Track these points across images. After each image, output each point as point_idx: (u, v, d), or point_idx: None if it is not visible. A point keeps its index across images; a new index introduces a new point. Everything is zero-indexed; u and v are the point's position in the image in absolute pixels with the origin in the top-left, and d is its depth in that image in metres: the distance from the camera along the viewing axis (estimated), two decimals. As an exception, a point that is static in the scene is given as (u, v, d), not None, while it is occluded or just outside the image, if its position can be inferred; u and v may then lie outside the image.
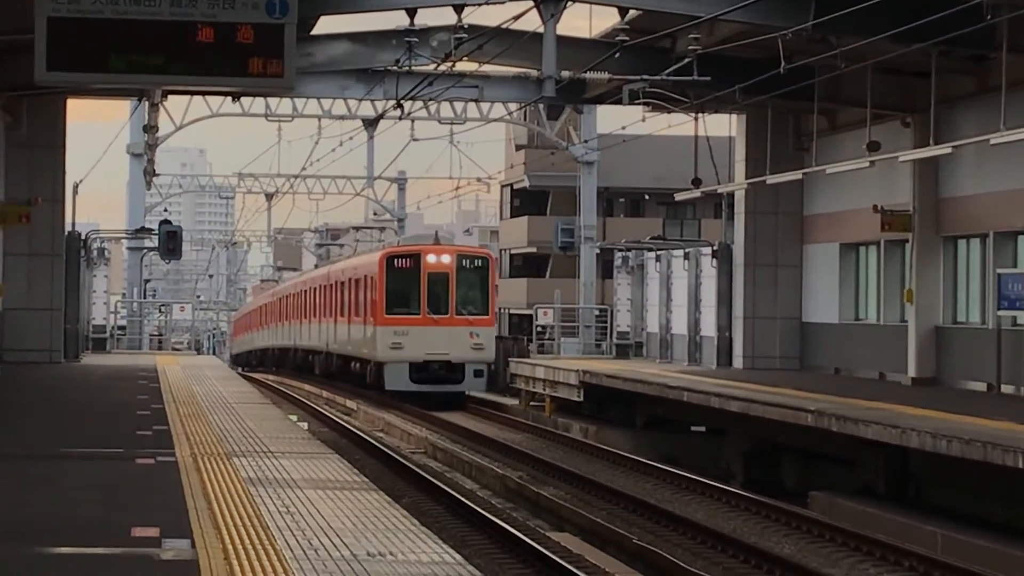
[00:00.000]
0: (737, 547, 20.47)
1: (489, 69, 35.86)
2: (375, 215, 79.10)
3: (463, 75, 34.99)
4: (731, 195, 41.00)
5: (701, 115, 37.99)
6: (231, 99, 44.18)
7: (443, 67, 31.33)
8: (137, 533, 12.01)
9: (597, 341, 50.13)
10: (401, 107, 36.69)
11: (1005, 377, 29.88)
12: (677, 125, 39.70)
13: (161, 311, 62.14)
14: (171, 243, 47.60)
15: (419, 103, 41.18)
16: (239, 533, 12.08)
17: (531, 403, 42.15)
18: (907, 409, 24.95)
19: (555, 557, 18.49)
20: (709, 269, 41.34)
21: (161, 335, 57.12)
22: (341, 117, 49.78)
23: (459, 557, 11.48)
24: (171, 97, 38.77)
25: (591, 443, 34.11)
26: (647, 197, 69.17)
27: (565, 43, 31.54)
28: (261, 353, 74.80)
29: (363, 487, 15.33)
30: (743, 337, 39.27)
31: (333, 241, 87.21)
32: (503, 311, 67.95)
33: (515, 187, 73.64)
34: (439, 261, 44.41)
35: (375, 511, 13.59)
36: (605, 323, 50.03)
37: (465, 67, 34.05)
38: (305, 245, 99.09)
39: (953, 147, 28.61)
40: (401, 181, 75.04)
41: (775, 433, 27.29)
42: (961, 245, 32.78)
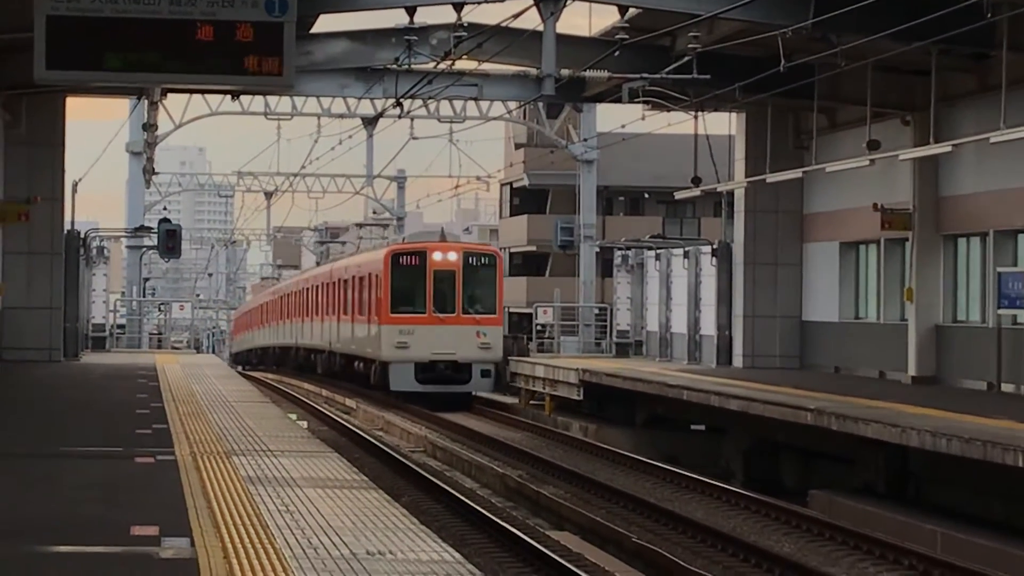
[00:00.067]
0: (737, 546, 20.46)
1: (488, 67, 35.86)
2: (374, 213, 79.04)
3: (462, 73, 34.98)
4: (731, 193, 40.99)
5: (701, 113, 37.99)
6: (230, 97, 44.16)
7: (442, 65, 31.33)
8: (136, 532, 12.00)
9: (597, 340, 50.12)
10: (400, 105, 36.69)
11: (1005, 376, 29.88)
12: (677, 124, 39.71)
13: (160, 310, 62.15)
14: (170, 242, 47.58)
15: (418, 101, 41.18)
16: (238, 532, 12.07)
17: (531, 402, 42.17)
18: (907, 408, 24.95)
19: (555, 556, 18.48)
20: (709, 268, 41.33)
21: (160, 334, 57.10)
22: (340, 115, 49.79)
23: (459, 556, 11.47)
24: (170, 95, 38.76)
25: (591, 442, 34.11)
26: (647, 196, 69.16)
27: (565, 41, 31.54)
28: (262, 352, 74.66)
29: (363, 486, 15.32)
30: (743, 336, 39.27)
31: (333, 239, 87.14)
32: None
33: (514, 186, 73.63)
34: (445, 259, 43.70)
35: (375, 510, 13.58)
36: (605, 322, 50.02)
37: (464, 65, 34.04)
38: (304, 244, 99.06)
39: (953, 145, 28.60)
40: (400, 180, 75.02)
41: (775, 432, 27.29)
42: (961, 243, 32.77)
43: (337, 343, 50.90)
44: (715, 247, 41.14)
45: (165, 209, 69.00)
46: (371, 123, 50.80)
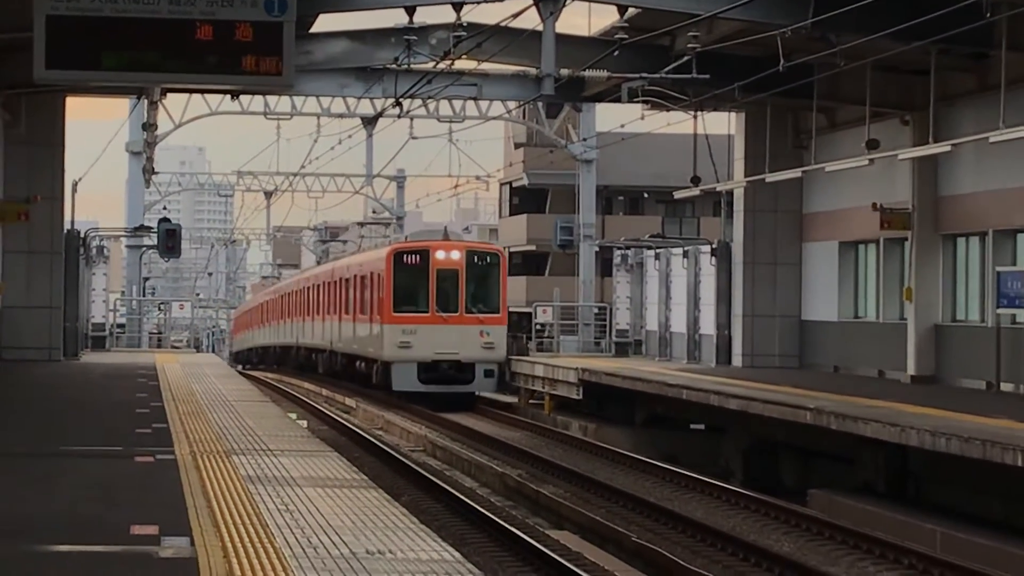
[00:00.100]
0: (736, 545, 20.47)
1: (488, 67, 35.87)
2: (374, 213, 79.07)
3: (462, 73, 34.99)
4: (730, 193, 40.99)
5: (700, 113, 38.01)
6: (230, 97, 44.15)
7: (442, 65, 31.34)
8: (136, 531, 12.00)
9: (596, 339, 50.10)
10: (400, 105, 36.70)
11: (1004, 375, 29.89)
12: (676, 123, 39.71)
13: (160, 309, 62.15)
14: (170, 241, 47.56)
15: (418, 101, 41.18)
16: (238, 531, 12.08)
17: (530, 401, 42.15)
18: (906, 407, 24.95)
19: (554, 555, 18.48)
20: (708, 267, 41.34)
21: (160, 333, 57.11)
22: (340, 115, 49.77)
23: (458, 555, 11.47)
24: (170, 95, 38.77)
25: (590, 441, 34.11)
26: (646, 195, 69.13)
27: (564, 41, 31.56)
28: (262, 351, 74.49)
29: (362, 485, 15.33)
30: (742, 335, 39.28)
31: (332, 239, 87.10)
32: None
33: (514, 185, 73.58)
34: (448, 257, 43.20)
35: (374, 509, 13.59)
36: (604, 321, 50.01)
37: (464, 65, 34.06)
38: (304, 243, 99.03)
39: (952, 145, 28.60)
40: (400, 179, 75.01)
41: (774, 431, 27.29)
42: (960, 243, 32.78)
43: (339, 343, 50.53)
44: (714, 246, 41.15)
45: (165, 209, 69.01)
46: (371, 123, 50.78)
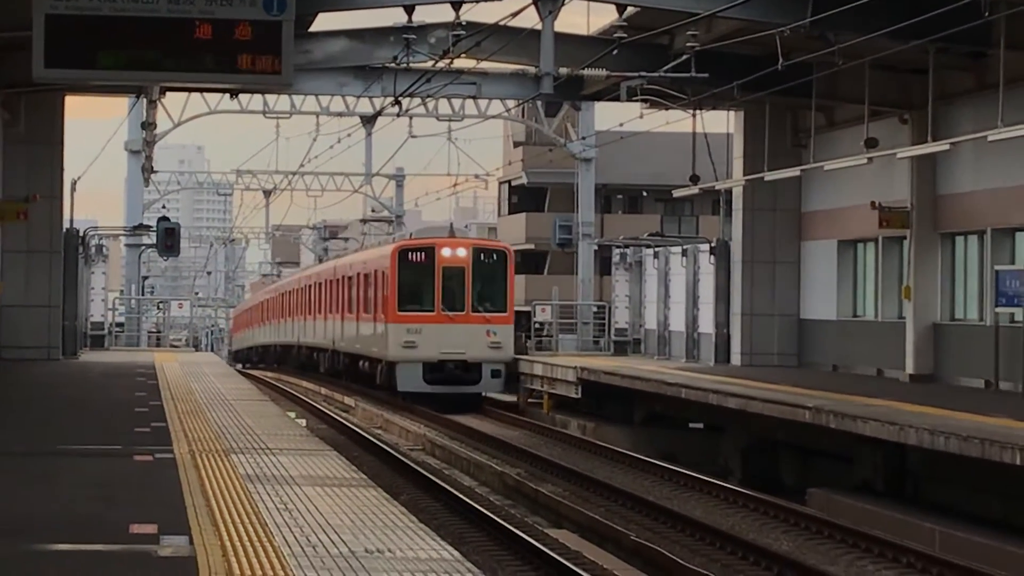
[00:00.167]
0: (735, 544, 20.47)
1: (487, 66, 35.88)
2: (373, 212, 79.04)
3: (461, 72, 35.00)
4: (729, 192, 41.00)
5: (699, 112, 38.01)
6: (229, 96, 44.11)
7: (441, 64, 31.33)
8: (135, 530, 12.01)
9: (595, 338, 50.10)
10: (399, 104, 36.70)
11: (1003, 374, 29.90)
12: (675, 122, 39.74)
13: (159, 308, 62.14)
14: (169, 240, 47.53)
15: (417, 100, 41.21)
16: (237, 530, 12.08)
17: (529, 400, 42.13)
18: (905, 406, 24.96)
19: (553, 554, 18.49)
20: (707, 266, 41.34)
21: (159, 332, 57.11)
22: (339, 114, 49.71)
23: (457, 554, 11.47)
24: (169, 94, 38.78)
25: (589, 440, 34.12)
26: (645, 194, 69.12)
27: (563, 40, 31.57)
28: (263, 350, 74.28)
29: (361, 484, 15.33)
30: (741, 334, 39.29)
31: (332, 237, 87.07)
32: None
33: (513, 184, 73.56)
34: (454, 255, 42.31)
35: (373, 508, 13.59)
36: (603, 320, 49.99)
37: (463, 64, 34.04)
38: (303, 242, 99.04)
39: (951, 144, 28.61)
40: (399, 178, 75.00)
41: (773, 430, 27.30)
42: (959, 242, 32.79)
43: (341, 342, 49.92)
44: (713, 245, 41.15)
45: (164, 207, 69.07)
46: (370, 121, 50.75)
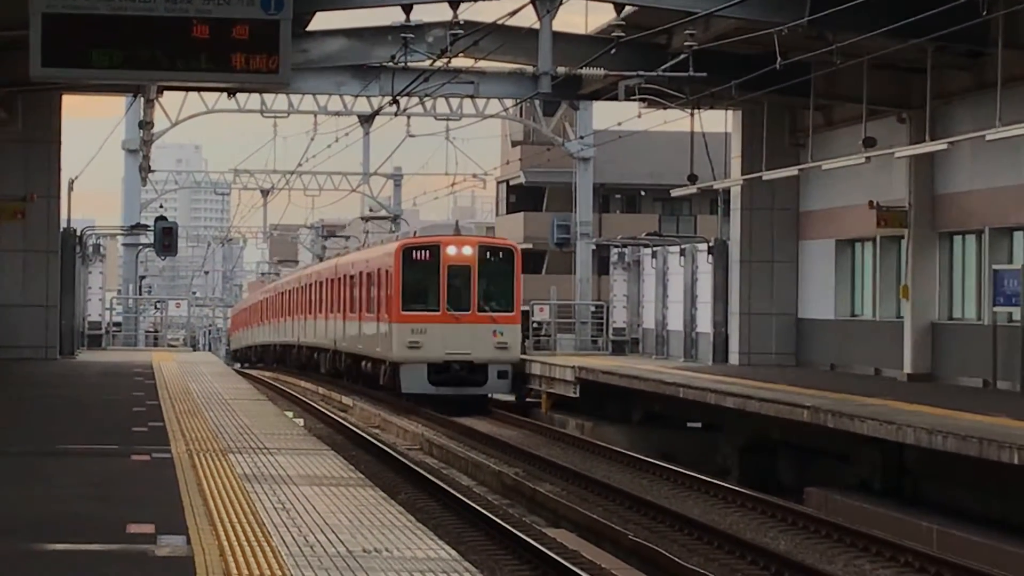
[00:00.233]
0: (733, 543, 20.46)
1: (485, 65, 35.86)
2: (371, 211, 79.02)
3: (459, 71, 34.96)
4: (727, 191, 40.99)
5: (697, 111, 37.99)
6: (226, 95, 44.13)
7: (439, 63, 31.31)
8: (132, 529, 11.99)
9: (593, 337, 50.09)
10: (397, 103, 36.71)
11: (1000, 373, 29.90)
12: (673, 121, 39.74)
13: (157, 307, 62.12)
14: (167, 239, 47.46)
15: (415, 99, 41.21)
16: (235, 530, 12.07)
17: (527, 399, 42.12)
18: (903, 405, 24.96)
19: (551, 553, 18.47)
20: (705, 265, 41.33)
21: (157, 332, 57.08)
22: (337, 113, 49.68)
23: (455, 553, 11.46)
24: (166, 93, 38.76)
25: (587, 439, 34.10)
26: (643, 193, 69.18)
27: (561, 39, 31.54)
28: (262, 349, 74.10)
29: (359, 483, 15.32)
30: (739, 333, 39.28)
31: (329, 235, 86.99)
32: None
33: (511, 183, 73.61)
34: (460, 253, 41.37)
35: (371, 507, 13.58)
36: (601, 319, 49.98)
37: (461, 63, 34.02)
38: (301, 241, 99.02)
39: (949, 143, 28.60)
40: (397, 177, 74.99)
41: (771, 429, 27.30)
42: (957, 241, 32.79)
43: (343, 342, 49.31)
44: (711, 244, 41.15)
45: (161, 207, 68.99)
46: (367, 121, 50.77)
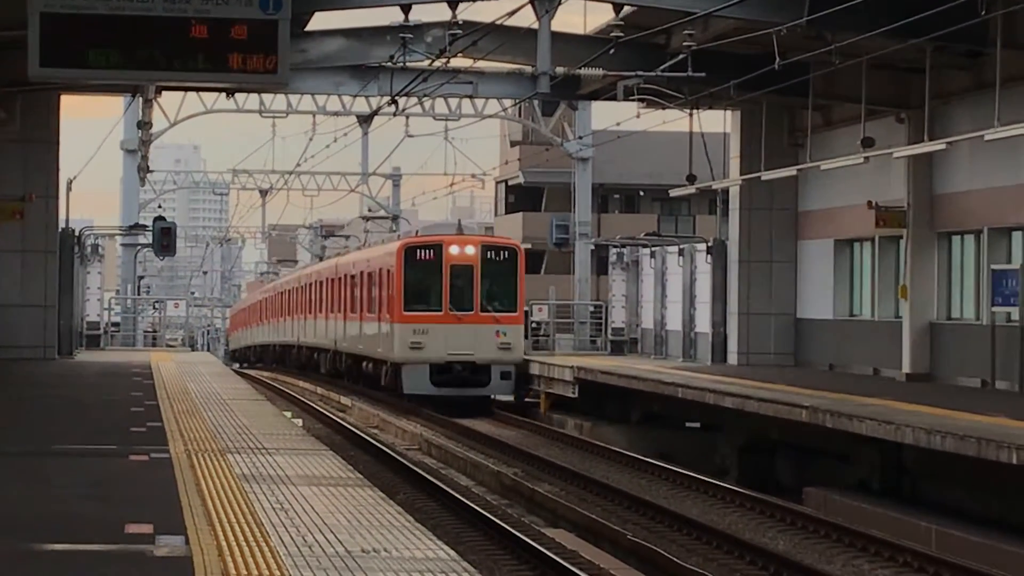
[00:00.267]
0: (732, 543, 20.46)
1: (484, 65, 35.85)
2: (369, 211, 79.01)
3: (457, 71, 34.96)
4: (726, 191, 40.98)
5: (696, 111, 37.99)
6: (225, 95, 44.10)
7: (437, 63, 31.31)
8: (131, 529, 11.99)
9: (592, 337, 50.09)
10: (395, 103, 36.70)
11: (999, 373, 29.90)
12: (672, 121, 39.74)
13: (155, 308, 62.08)
14: (165, 239, 47.46)
15: (413, 99, 41.18)
16: (233, 530, 12.06)
17: (527, 400, 42.11)
18: (901, 405, 24.96)
19: (550, 553, 18.47)
20: (704, 265, 41.33)
21: (155, 332, 57.05)
22: (335, 113, 49.66)
23: (454, 553, 11.46)
24: (165, 93, 38.73)
25: (586, 439, 34.10)
26: (642, 193, 69.20)
27: (560, 39, 31.54)
28: (261, 349, 73.99)
29: (358, 484, 15.32)
30: (738, 333, 39.28)
31: (328, 235, 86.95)
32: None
33: (510, 183, 73.61)
34: (463, 252, 40.93)
35: (370, 508, 13.58)
36: (600, 319, 49.99)
37: (459, 63, 34.00)
38: (299, 241, 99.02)
39: (948, 143, 28.60)
40: (396, 177, 74.99)
41: (770, 429, 27.30)
42: (955, 241, 32.79)
43: (344, 342, 49.04)
44: (710, 244, 41.15)
45: (160, 207, 68.97)
46: (366, 121, 50.72)
